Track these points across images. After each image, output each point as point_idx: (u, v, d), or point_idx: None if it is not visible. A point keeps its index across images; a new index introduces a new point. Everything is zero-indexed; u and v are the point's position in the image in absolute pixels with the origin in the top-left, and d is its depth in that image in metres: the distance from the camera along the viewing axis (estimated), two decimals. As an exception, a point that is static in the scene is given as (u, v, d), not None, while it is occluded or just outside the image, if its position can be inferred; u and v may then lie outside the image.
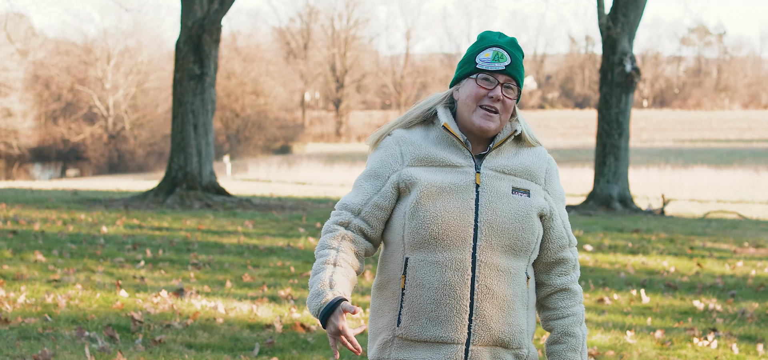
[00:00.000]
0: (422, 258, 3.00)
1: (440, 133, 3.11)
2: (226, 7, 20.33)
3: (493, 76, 3.07)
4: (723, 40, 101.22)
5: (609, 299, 9.27)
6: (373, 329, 3.13)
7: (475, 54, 3.11)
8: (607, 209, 20.59)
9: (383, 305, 3.09)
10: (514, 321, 3.04)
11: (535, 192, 3.09)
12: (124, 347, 6.83)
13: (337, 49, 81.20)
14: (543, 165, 3.15)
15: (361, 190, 3.10)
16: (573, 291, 3.18)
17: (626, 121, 21.17)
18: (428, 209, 2.99)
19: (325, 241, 3.07)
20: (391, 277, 3.07)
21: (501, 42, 3.11)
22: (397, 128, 3.16)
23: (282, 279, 10.17)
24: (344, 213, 3.10)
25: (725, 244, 14.27)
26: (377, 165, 3.11)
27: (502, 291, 3.01)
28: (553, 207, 3.14)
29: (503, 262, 3.01)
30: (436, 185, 3.02)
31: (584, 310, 3.21)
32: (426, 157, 3.07)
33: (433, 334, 2.99)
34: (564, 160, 49.11)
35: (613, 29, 20.72)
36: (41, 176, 55.86)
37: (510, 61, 3.08)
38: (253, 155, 64.05)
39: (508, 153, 3.12)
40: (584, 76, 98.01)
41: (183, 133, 20.39)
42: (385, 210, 3.08)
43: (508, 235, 3.01)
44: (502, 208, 3.02)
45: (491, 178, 3.05)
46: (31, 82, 60.29)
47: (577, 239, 13.37)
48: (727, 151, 56.23)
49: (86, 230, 14.28)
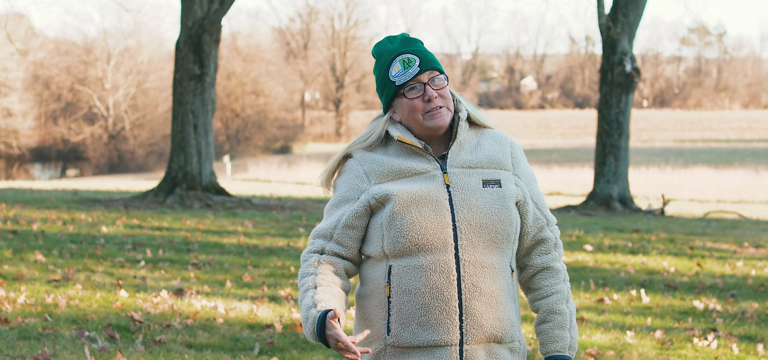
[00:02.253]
0: (406, 264, 2.98)
1: (397, 147, 3.08)
2: (226, 7, 20.33)
3: (417, 81, 3.04)
4: (723, 40, 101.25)
5: (609, 299, 9.27)
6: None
7: (386, 74, 3.08)
8: (607, 209, 20.59)
9: (370, 314, 3.06)
10: (504, 315, 3.02)
11: (506, 180, 3.06)
12: (124, 347, 6.83)
13: (337, 49, 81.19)
14: (507, 150, 3.12)
15: (332, 216, 3.10)
16: (555, 269, 3.14)
17: (626, 121, 21.17)
18: (405, 217, 2.97)
19: (303, 271, 3.08)
20: (375, 286, 3.05)
21: (398, 47, 3.08)
22: (355, 149, 3.12)
23: (282, 279, 10.17)
24: (317, 241, 3.09)
25: (725, 244, 14.27)
26: (344, 190, 3.09)
27: (489, 287, 2.99)
28: (526, 191, 3.10)
29: (487, 257, 2.99)
30: (409, 194, 2.99)
31: (569, 287, 3.17)
32: (391, 170, 3.05)
33: (426, 338, 2.97)
34: (564, 160, 49.10)
35: (613, 29, 20.72)
36: (41, 176, 55.86)
37: (418, 58, 3.05)
38: (253, 155, 64.03)
39: (470, 146, 3.09)
40: (584, 76, 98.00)
41: (183, 133, 20.39)
42: (357, 228, 3.06)
43: (488, 229, 2.99)
44: (476, 204, 3.00)
45: (459, 175, 3.03)
46: (31, 82, 60.26)
47: (576, 239, 13.27)
48: (727, 151, 56.22)
49: (86, 230, 14.28)
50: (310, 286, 3.02)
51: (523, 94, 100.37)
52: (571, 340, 3.13)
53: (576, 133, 77.69)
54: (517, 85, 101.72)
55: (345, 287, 3.09)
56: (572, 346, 3.13)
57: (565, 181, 36.10)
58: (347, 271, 3.11)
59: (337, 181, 3.14)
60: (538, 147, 64.16)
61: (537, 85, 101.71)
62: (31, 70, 60.09)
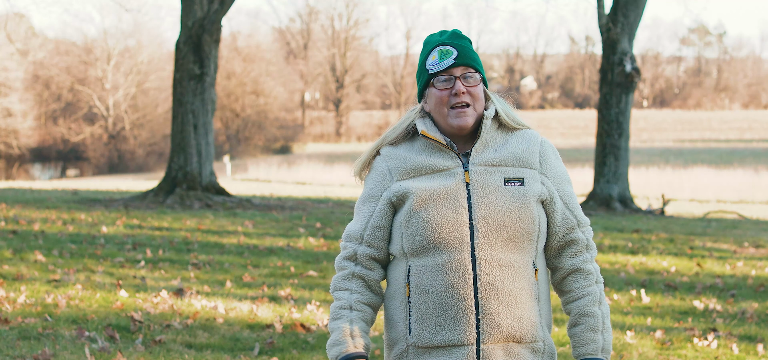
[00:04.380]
0: (423, 263, 2.99)
1: (423, 142, 3.09)
2: (226, 7, 20.33)
3: (449, 74, 3.04)
4: (723, 40, 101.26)
5: (609, 299, 9.27)
6: (387, 339, 3.13)
7: (424, 61, 3.10)
8: (607, 209, 20.60)
9: (394, 315, 3.09)
10: (523, 314, 2.98)
11: (530, 178, 3.03)
12: (124, 347, 6.83)
13: (337, 49, 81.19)
14: (535, 148, 3.08)
15: (360, 216, 3.12)
16: (586, 271, 3.09)
17: (626, 121, 21.17)
18: (421, 215, 2.98)
19: (338, 283, 3.11)
20: (397, 286, 3.07)
21: (443, 39, 3.09)
22: (384, 146, 3.15)
23: (282, 279, 10.17)
24: (349, 245, 3.11)
25: (725, 244, 14.27)
26: (370, 187, 3.12)
27: (507, 286, 2.96)
28: (553, 190, 3.07)
29: (505, 256, 2.97)
30: (427, 191, 3.00)
31: (602, 289, 3.12)
32: (413, 167, 3.06)
33: (444, 338, 2.96)
34: (564, 160, 48.77)
35: (613, 29, 20.72)
36: (41, 176, 55.86)
37: (457, 52, 3.05)
38: (253, 155, 64.03)
39: (496, 144, 3.07)
40: (584, 76, 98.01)
41: (183, 133, 20.39)
42: (384, 228, 3.08)
43: (506, 228, 2.96)
44: (495, 202, 2.97)
45: (480, 173, 3.01)
46: (31, 82, 60.27)
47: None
48: (727, 151, 56.22)
49: (86, 230, 14.28)
50: (346, 307, 3.06)
51: (523, 94, 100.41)
52: (604, 343, 3.08)
53: (576, 133, 77.69)
54: (517, 85, 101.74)
55: (377, 305, 3.13)
56: (605, 349, 3.08)
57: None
58: (383, 277, 3.14)
59: (366, 178, 3.17)
60: (538, 147, 64.03)
61: (537, 85, 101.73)
62: (31, 70, 60.10)
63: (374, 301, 3.11)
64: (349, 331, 3.01)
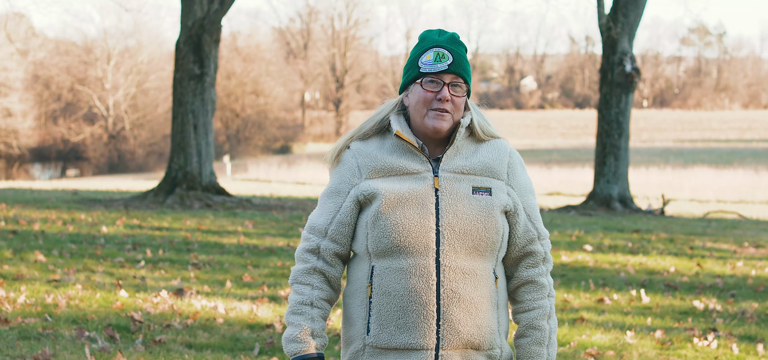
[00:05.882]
0: (387, 265, 2.98)
1: (395, 141, 3.07)
2: (226, 7, 20.33)
3: (438, 78, 3.03)
4: (723, 40, 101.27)
5: (609, 299, 9.27)
6: (344, 337, 3.13)
7: (418, 57, 3.07)
8: (607, 209, 20.60)
9: (353, 313, 3.08)
10: (483, 322, 3.00)
11: (497, 189, 3.04)
12: (124, 347, 6.83)
13: (337, 49, 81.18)
14: (504, 159, 3.08)
15: (325, 209, 3.10)
16: (540, 284, 3.10)
17: (626, 121, 21.18)
18: (389, 218, 2.97)
19: (299, 276, 3.09)
20: (359, 285, 3.07)
21: (441, 41, 3.06)
22: (354, 141, 3.13)
23: (282, 279, 10.17)
24: (313, 238, 3.10)
25: (725, 244, 14.27)
26: (337, 181, 3.10)
27: (469, 293, 2.97)
28: (517, 201, 3.07)
29: (468, 264, 2.98)
30: (396, 194, 2.99)
31: (553, 304, 3.14)
32: (383, 167, 3.05)
33: (403, 341, 2.97)
34: (564, 160, 49.11)
35: (613, 29, 20.73)
36: (41, 176, 55.87)
37: (452, 59, 3.03)
38: (253, 155, 64.04)
39: (467, 152, 3.07)
40: (584, 76, 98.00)
41: (183, 133, 20.39)
42: (349, 225, 3.07)
43: (471, 236, 2.97)
44: (463, 210, 2.98)
45: (450, 180, 3.01)
46: (31, 82, 60.26)
47: (576, 239, 13.21)
48: (727, 151, 56.21)
49: (86, 230, 14.28)
50: (307, 303, 3.05)
51: (523, 94, 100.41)
52: (549, 357, 3.10)
53: (576, 133, 77.70)
54: (517, 85, 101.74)
55: (334, 300, 3.13)
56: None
57: (565, 181, 36.11)
58: (342, 272, 3.14)
59: (332, 170, 3.15)
60: (538, 147, 64.17)
61: (537, 85, 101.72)
62: (31, 70, 60.10)
63: (333, 298, 3.12)
64: (309, 330, 3.02)
